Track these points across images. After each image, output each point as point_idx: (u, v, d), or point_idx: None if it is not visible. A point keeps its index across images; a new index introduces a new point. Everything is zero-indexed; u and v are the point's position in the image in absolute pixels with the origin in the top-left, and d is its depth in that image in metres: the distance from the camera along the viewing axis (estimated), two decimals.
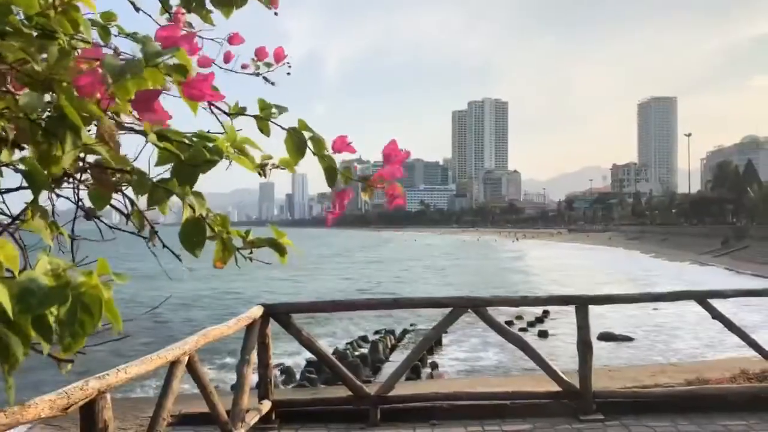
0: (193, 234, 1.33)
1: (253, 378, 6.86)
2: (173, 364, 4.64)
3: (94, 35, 1.52)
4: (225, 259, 1.41)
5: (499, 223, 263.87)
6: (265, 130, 1.65)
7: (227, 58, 1.97)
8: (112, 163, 1.16)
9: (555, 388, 6.93)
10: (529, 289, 41.29)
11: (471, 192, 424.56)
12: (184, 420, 6.90)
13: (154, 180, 1.30)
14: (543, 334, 24.43)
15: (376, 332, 26.20)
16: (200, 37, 1.85)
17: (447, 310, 7.06)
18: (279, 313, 6.83)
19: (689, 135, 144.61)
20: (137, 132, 1.28)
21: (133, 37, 1.70)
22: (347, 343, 25.84)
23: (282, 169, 1.69)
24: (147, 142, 1.25)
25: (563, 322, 23.89)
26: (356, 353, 22.94)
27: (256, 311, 6.57)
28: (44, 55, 1.21)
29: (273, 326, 6.96)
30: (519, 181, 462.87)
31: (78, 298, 0.94)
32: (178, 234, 1.34)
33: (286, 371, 19.86)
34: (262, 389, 6.82)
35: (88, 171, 1.32)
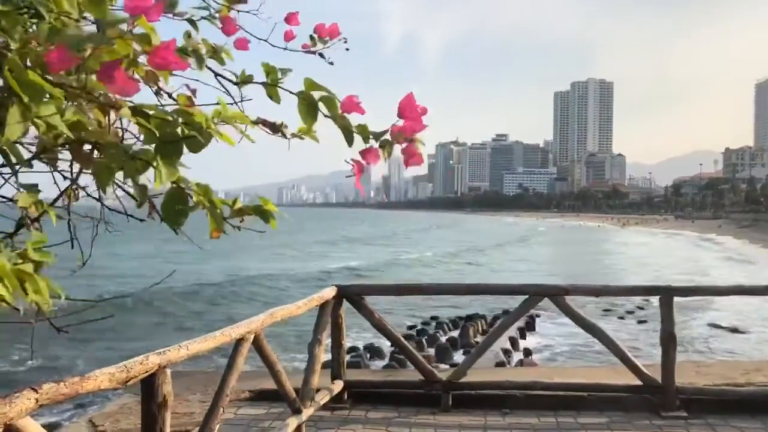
0: (174, 204, 1.32)
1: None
2: (238, 342, 4.74)
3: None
4: (218, 229, 1.40)
5: (602, 208, 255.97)
6: (274, 96, 1.63)
7: (287, 38, 1.96)
8: (70, 134, 1.16)
9: (636, 381, 6.64)
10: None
11: (572, 176, 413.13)
12: (261, 395, 7.09)
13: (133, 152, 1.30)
14: (642, 323, 23.60)
15: (468, 317, 26.03)
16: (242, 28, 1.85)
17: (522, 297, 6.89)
18: (351, 294, 6.87)
19: None
20: (111, 107, 1.28)
21: None
22: (437, 325, 25.88)
23: (302, 138, 1.65)
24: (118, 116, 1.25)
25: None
26: (446, 337, 22.93)
27: (329, 292, 6.64)
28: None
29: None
30: (623, 165, 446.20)
31: None
32: (161, 206, 1.34)
33: (376, 351, 20.12)
34: (335, 369, 6.91)
35: (66, 146, 1.33)
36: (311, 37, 2.00)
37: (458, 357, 21.02)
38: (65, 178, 1.51)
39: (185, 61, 1.26)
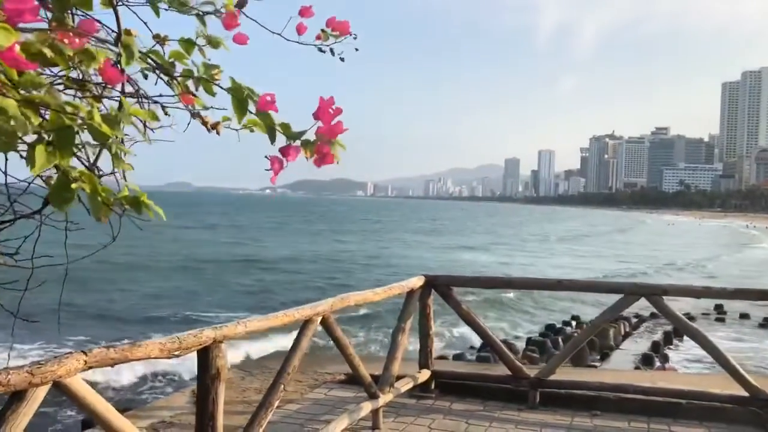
0: (60, 190, 1.45)
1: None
2: (305, 324, 4.90)
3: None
4: (100, 215, 1.51)
5: None
6: (208, 90, 1.81)
7: (299, 31, 2.07)
8: None
9: (743, 392, 6.12)
10: None
11: (740, 173, 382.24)
12: (355, 379, 7.26)
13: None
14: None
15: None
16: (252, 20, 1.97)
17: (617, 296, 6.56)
18: (439, 285, 6.87)
19: None
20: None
21: None
22: (577, 325, 25.10)
23: (251, 130, 1.79)
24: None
25: None
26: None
27: (417, 281, 6.68)
28: None
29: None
30: None
31: None
32: (48, 193, 1.47)
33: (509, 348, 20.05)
34: (422, 358, 6.95)
35: None
36: (323, 31, 2.09)
37: (596, 358, 20.37)
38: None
39: (34, 63, 1.36)
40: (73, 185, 1.45)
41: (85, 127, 1.46)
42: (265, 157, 1.75)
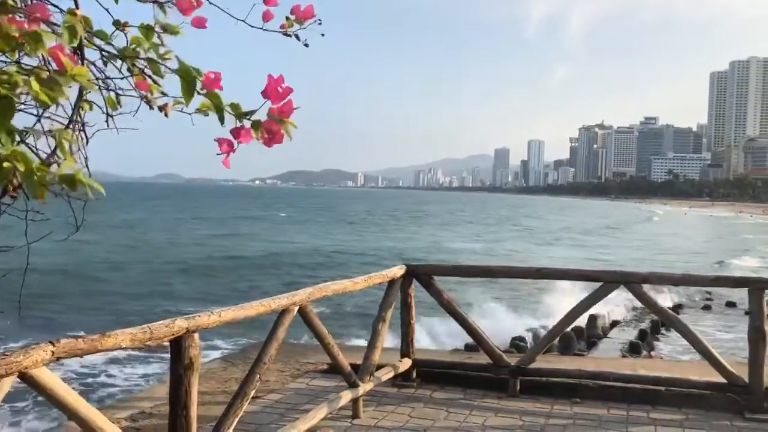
0: None
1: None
2: (282, 313, 4.88)
3: None
4: (38, 195, 1.47)
5: (760, 198, 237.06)
6: (156, 71, 1.76)
7: (266, 18, 2.03)
8: None
9: (720, 379, 6.17)
10: None
11: (728, 162, 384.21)
12: (335, 369, 7.26)
13: None
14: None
15: None
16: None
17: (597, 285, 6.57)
18: (420, 274, 6.86)
19: None
20: None
21: None
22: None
23: (206, 115, 1.77)
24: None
25: None
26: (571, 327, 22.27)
27: (398, 270, 6.67)
28: None
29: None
30: None
31: None
32: None
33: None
34: (404, 347, 6.96)
35: None
36: (287, 18, 2.05)
37: (584, 347, 20.45)
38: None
39: None
40: (5, 164, 1.42)
41: (25, 94, 1.44)
42: (214, 140, 1.72)
